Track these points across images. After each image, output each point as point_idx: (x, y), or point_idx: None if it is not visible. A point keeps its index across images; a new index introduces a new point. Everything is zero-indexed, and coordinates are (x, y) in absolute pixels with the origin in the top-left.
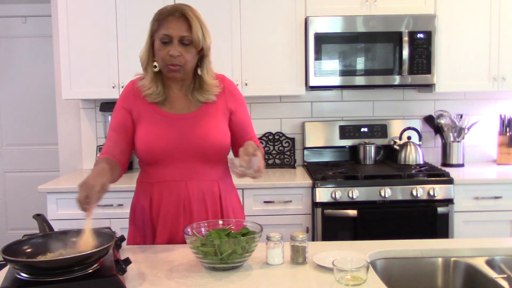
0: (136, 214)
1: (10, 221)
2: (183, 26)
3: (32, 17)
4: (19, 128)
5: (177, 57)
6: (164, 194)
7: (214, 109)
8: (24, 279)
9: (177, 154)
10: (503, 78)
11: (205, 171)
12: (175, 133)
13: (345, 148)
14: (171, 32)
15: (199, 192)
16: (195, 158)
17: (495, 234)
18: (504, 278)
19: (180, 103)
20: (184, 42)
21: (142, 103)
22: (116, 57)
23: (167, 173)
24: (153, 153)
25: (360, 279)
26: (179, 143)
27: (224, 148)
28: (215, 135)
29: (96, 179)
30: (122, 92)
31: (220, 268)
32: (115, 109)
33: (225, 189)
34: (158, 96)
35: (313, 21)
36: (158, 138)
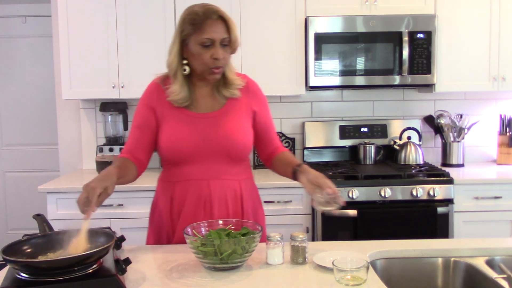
0: (156, 213)
1: (10, 221)
2: (222, 28)
3: (32, 17)
4: (19, 128)
5: (221, 60)
6: (186, 193)
7: (238, 108)
8: (24, 279)
9: (200, 153)
10: (503, 78)
11: (227, 171)
12: (199, 133)
13: (345, 148)
14: (214, 36)
15: (221, 192)
16: (218, 157)
17: (495, 234)
18: (504, 278)
19: (205, 102)
20: (224, 43)
21: (167, 102)
22: (116, 57)
23: (189, 172)
24: (177, 152)
25: (360, 279)
26: (203, 143)
27: (247, 148)
28: (238, 135)
29: (100, 182)
30: (146, 90)
31: (220, 268)
32: (138, 107)
33: (246, 189)
34: (184, 101)
35: (313, 21)
36: (182, 138)
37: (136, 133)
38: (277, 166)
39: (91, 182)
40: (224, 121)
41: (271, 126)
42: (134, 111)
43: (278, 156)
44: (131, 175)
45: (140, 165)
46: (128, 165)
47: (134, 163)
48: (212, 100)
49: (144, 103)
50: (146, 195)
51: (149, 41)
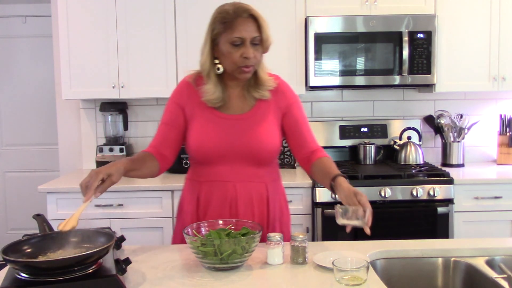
0: (183, 211)
1: (10, 221)
2: (253, 27)
3: (32, 17)
4: (19, 128)
5: (251, 59)
6: (212, 194)
7: (266, 110)
8: (24, 279)
9: (227, 155)
10: (503, 78)
11: (254, 173)
12: (227, 134)
13: (345, 148)
14: (244, 34)
15: (247, 194)
16: (245, 160)
17: (495, 234)
18: (504, 278)
19: (235, 103)
20: (254, 42)
21: (197, 101)
22: (116, 57)
23: (216, 172)
24: (204, 152)
25: (360, 279)
26: (230, 144)
27: (273, 152)
28: (266, 139)
29: (105, 168)
30: (176, 88)
31: (220, 268)
32: (167, 104)
33: (273, 192)
34: (218, 101)
35: (313, 21)
36: (209, 138)
37: (164, 129)
38: (317, 176)
39: (99, 168)
40: (251, 124)
41: (303, 125)
42: (134, 111)
43: (316, 164)
44: (148, 169)
45: (164, 161)
46: (146, 159)
47: (157, 158)
48: (242, 101)
49: (173, 101)
50: (146, 195)
51: (149, 41)
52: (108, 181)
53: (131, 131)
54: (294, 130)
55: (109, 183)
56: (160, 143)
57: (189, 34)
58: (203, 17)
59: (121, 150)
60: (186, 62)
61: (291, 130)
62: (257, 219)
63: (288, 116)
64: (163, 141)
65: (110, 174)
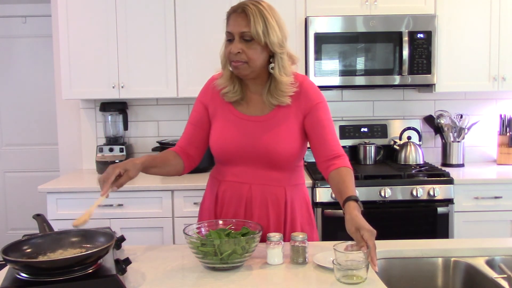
0: (204, 207)
1: (10, 221)
2: (243, 21)
3: (32, 17)
4: (19, 128)
5: (238, 54)
6: (228, 194)
7: (287, 113)
8: (24, 279)
9: (245, 156)
10: (503, 78)
11: (271, 176)
12: (245, 136)
13: (345, 148)
14: (232, 29)
15: (262, 197)
16: (262, 163)
17: (495, 234)
18: (504, 278)
19: (255, 104)
20: (245, 38)
21: (219, 100)
22: (116, 57)
23: (234, 173)
24: (223, 152)
25: (360, 278)
26: (248, 146)
27: (291, 155)
28: (283, 143)
29: (123, 164)
30: (203, 87)
31: (220, 268)
32: (195, 104)
33: (292, 195)
34: (235, 95)
35: (313, 21)
36: (228, 139)
37: (190, 129)
38: (332, 189)
39: (116, 164)
40: (271, 127)
41: (325, 128)
42: (134, 111)
43: (333, 176)
44: (172, 167)
45: (190, 161)
46: (170, 157)
47: (182, 157)
48: (262, 102)
49: (199, 100)
50: (146, 195)
51: (149, 41)
52: (125, 176)
53: (131, 131)
54: (316, 131)
55: (126, 178)
56: (186, 143)
57: (189, 34)
58: (203, 17)
59: (121, 150)
60: (186, 62)
61: (313, 130)
62: (272, 223)
63: (310, 116)
64: (189, 141)
65: (127, 169)
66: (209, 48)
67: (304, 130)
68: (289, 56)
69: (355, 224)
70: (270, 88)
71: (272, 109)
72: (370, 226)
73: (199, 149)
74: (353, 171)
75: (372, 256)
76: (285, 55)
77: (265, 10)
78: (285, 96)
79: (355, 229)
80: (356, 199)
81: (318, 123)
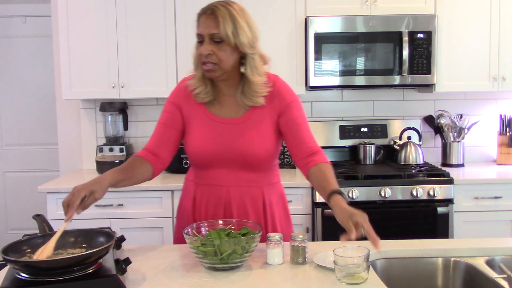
0: (182, 210)
1: (10, 221)
2: (212, 23)
3: (32, 17)
4: (19, 128)
5: (208, 56)
6: (207, 197)
7: (261, 114)
8: (24, 279)
9: (221, 159)
10: (503, 78)
11: (248, 178)
12: (220, 139)
13: (345, 148)
14: (201, 31)
15: (240, 198)
16: (238, 165)
17: (495, 234)
18: (504, 278)
19: (229, 106)
20: (215, 39)
21: (193, 102)
22: (116, 57)
23: (211, 176)
24: (199, 156)
25: (361, 278)
26: (224, 150)
27: (268, 156)
28: (260, 145)
29: (88, 186)
30: (174, 88)
31: (220, 268)
32: (165, 104)
33: (270, 194)
34: (206, 96)
35: (313, 21)
36: (203, 142)
37: (161, 129)
38: (314, 185)
39: (81, 185)
40: (245, 129)
41: (301, 125)
42: (134, 111)
43: (313, 171)
44: (140, 175)
45: (159, 163)
46: (137, 165)
47: (150, 161)
48: (236, 103)
49: (171, 101)
50: (146, 195)
51: (149, 41)
52: (91, 198)
53: (131, 131)
54: (291, 129)
55: (91, 200)
56: (156, 144)
57: (189, 34)
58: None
59: (121, 150)
60: (186, 62)
61: (288, 130)
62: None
63: (285, 116)
64: (159, 142)
65: (92, 191)
66: None
67: (279, 129)
68: (261, 56)
69: (347, 213)
70: (244, 89)
71: (246, 110)
72: (360, 211)
73: (170, 149)
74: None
75: (372, 236)
76: (256, 55)
77: (235, 11)
78: (259, 96)
79: (346, 218)
80: (340, 192)
81: (293, 122)
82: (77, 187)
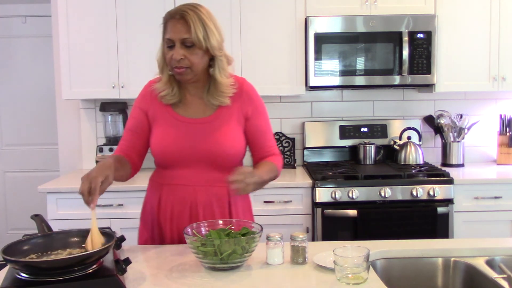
0: (146, 211)
1: (10, 221)
2: (183, 28)
3: (32, 17)
4: (19, 128)
5: (181, 60)
6: (172, 197)
7: (229, 114)
8: (24, 279)
9: (187, 159)
10: (503, 78)
11: (215, 178)
12: (187, 139)
13: (345, 148)
14: (172, 36)
15: (207, 198)
16: (205, 164)
17: (495, 234)
18: (504, 278)
19: (195, 107)
20: (186, 44)
21: (158, 104)
22: (116, 57)
23: (177, 176)
24: (165, 156)
25: (360, 278)
26: (190, 149)
27: (236, 156)
28: (227, 143)
29: (99, 171)
30: (140, 92)
31: (220, 268)
32: (132, 109)
33: (236, 196)
34: (173, 98)
35: (313, 21)
36: (170, 142)
37: (129, 135)
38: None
39: (92, 172)
40: (212, 129)
41: (265, 132)
42: None
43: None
44: (126, 172)
45: (133, 165)
46: (123, 161)
47: (129, 162)
48: (203, 104)
49: (137, 106)
50: None
51: (149, 41)
52: (106, 182)
53: None
54: (255, 135)
55: (107, 184)
56: (126, 149)
57: None
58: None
59: None
60: None
61: (251, 134)
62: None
63: (252, 120)
64: (128, 147)
65: (107, 175)
66: None
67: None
68: (226, 57)
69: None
70: (210, 89)
71: (214, 110)
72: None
73: (139, 154)
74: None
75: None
76: (223, 57)
77: (203, 15)
78: (225, 96)
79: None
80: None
81: (260, 129)
82: (90, 174)
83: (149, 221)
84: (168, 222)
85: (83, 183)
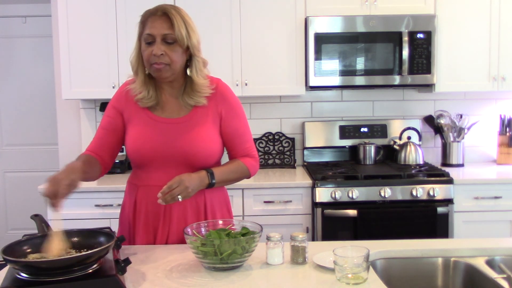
0: (124, 213)
1: (10, 221)
2: (165, 24)
3: (32, 17)
4: (19, 128)
5: (161, 56)
6: (147, 198)
7: (204, 114)
8: (24, 279)
9: (162, 159)
10: (503, 78)
11: None
12: (162, 139)
13: (345, 148)
14: (153, 31)
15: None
16: (180, 165)
17: (495, 234)
18: (504, 278)
19: (171, 107)
20: (167, 40)
21: (134, 105)
22: (116, 57)
23: (152, 177)
24: (140, 156)
25: (360, 278)
26: (165, 149)
27: (211, 156)
28: (202, 143)
29: (65, 174)
30: (116, 92)
31: (220, 268)
32: (107, 108)
33: (211, 197)
34: (149, 100)
35: (313, 21)
36: (145, 142)
37: (102, 133)
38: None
39: (58, 175)
40: (188, 129)
41: (241, 133)
42: None
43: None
44: (96, 172)
45: (103, 164)
46: (92, 161)
47: (99, 161)
48: (179, 104)
49: (112, 105)
50: None
51: None
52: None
53: None
54: (233, 136)
55: (72, 188)
56: (98, 147)
57: None
58: (202, 17)
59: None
60: None
61: (227, 135)
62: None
63: (226, 120)
64: (101, 146)
65: (73, 179)
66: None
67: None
68: (202, 59)
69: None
70: (186, 89)
71: (189, 110)
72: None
73: (111, 153)
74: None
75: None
76: (200, 58)
77: (185, 15)
78: (201, 96)
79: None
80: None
81: (236, 129)
82: (56, 176)
83: (125, 224)
84: (141, 224)
85: (49, 186)
